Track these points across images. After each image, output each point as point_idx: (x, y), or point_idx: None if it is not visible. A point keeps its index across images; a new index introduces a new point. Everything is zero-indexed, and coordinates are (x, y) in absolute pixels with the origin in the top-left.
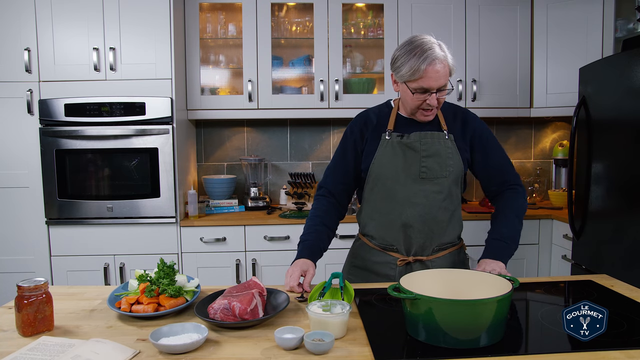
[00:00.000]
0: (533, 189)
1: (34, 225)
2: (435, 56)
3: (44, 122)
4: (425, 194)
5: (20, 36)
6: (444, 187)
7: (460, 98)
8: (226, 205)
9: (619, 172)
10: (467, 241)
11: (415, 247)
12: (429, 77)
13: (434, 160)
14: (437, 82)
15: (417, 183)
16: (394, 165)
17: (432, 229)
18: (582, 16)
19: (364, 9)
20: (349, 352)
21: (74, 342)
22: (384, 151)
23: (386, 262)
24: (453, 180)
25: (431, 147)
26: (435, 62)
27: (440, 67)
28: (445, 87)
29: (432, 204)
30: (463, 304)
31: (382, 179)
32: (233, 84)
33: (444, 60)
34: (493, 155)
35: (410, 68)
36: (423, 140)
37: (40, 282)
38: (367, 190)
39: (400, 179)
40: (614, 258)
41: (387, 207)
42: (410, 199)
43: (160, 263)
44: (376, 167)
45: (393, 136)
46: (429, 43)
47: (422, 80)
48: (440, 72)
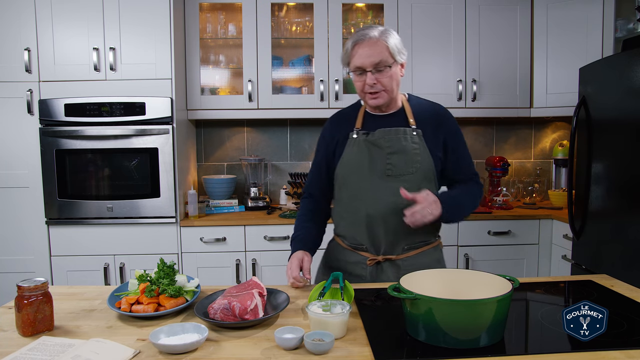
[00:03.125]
0: (533, 189)
1: (34, 225)
2: (364, 34)
3: (44, 122)
4: (391, 191)
5: (20, 36)
6: (412, 185)
7: (460, 98)
8: (226, 205)
9: (619, 172)
10: (466, 241)
11: (383, 245)
12: (359, 55)
13: (399, 157)
14: (369, 59)
15: (383, 180)
16: (360, 164)
17: (398, 227)
18: (582, 16)
19: (364, 9)
20: (349, 352)
21: (74, 342)
22: (351, 150)
23: (357, 262)
24: (422, 177)
25: (396, 143)
26: (363, 40)
27: (368, 44)
28: (384, 66)
29: (399, 201)
30: (463, 304)
31: (349, 177)
32: (233, 84)
33: (377, 39)
34: (462, 156)
35: (345, 50)
36: (387, 137)
37: (40, 282)
38: (337, 189)
39: (366, 177)
40: (614, 258)
41: (354, 206)
42: (376, 196)
43: (160, 263)
44: (343, 166)
45: (360, 134)
46: (367, 26)
47: (353, 59)
48: (370, 50)
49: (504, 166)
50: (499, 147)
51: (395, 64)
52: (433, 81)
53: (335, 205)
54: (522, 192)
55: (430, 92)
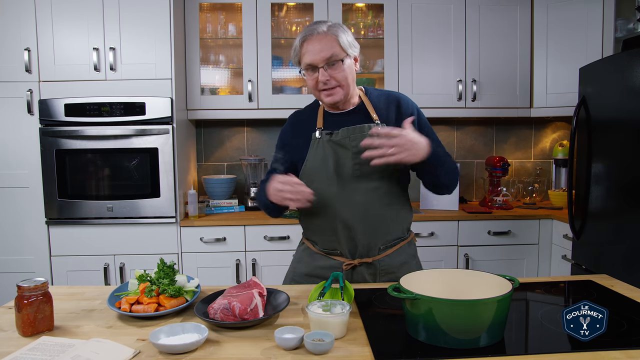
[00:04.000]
0: (533, 189)
1: (34, 225)
2: (312, 29)
3: (44, 122)
4: (362, 192)
5: (20, 36)
6: (382, 183)
7: (460, 98)
8: (226, 205)
9: (619, 172)
10: (466, 241)
11: (360, 248)
12: (308, 52)
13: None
14: (319, 55)
15: (353, 182)
16: (326, 167)
17: (374, 228)
18: (582, 16)
19: (364, 9)
20: (349, 352)
21: (74, 342)
22: (315, 152)
23: (331, 267)
24: (392, 172)
25: (361, 142)
26: (312, 36)
27: (316, 40)
28: (335, 60)
29: (371, 201)
30: (463, 304)
31: (316, 182)
32: (233, 84)
33: (325, 34)
34: (431, 137)
35: (294, 49)
36: (352, 136)
37: (40, 282)
38: None
39: (334, 181)
40: (614, 258)
41: (324, 211)
42: (348, 199)
43: (160, 263)
44: (308, 169)
45: (323, 134)
46: (314, 23)
47: (304, 57)
48: (320, 45)
49: (504, 166)
50: (499, 147)
51: (348, 57)
52: (433, 81)
53: (304, 208)
54: (522, 192)
55: (430, 92)
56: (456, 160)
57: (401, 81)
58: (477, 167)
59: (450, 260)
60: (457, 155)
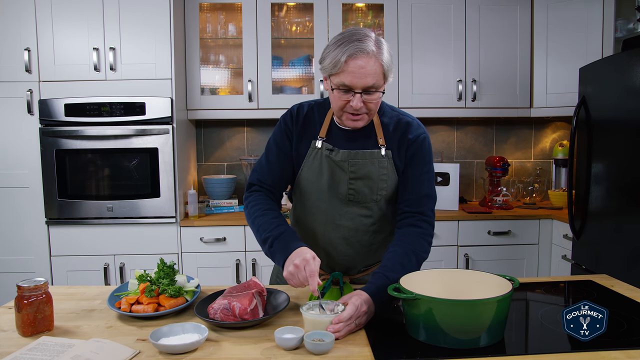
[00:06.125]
0: (533, 189)
1: (34, 225)
2: (361, 48)
3: (44, 122)
4: (351, 216)
5: (20, 36)
6: (373, 211)
7: (460, 98)
8: (226, 205)
9: (619, 172)
10: (466, 241)
11: (338, 268)
12: (351, 72)
13: (363, 183)
14: (361, 80)
15: (344, 204)
16: (320, 182)
17: (357, 253)
18: (582, 16)
19: (364, 9)
20: (349, 352)
21: (74, 342)
22: (312, 163)
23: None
24: (386, 203)
25: (361, 168)
26: (359, 54)
27: (364, 62)
28: (375, 90)
29: (359, 228)
30: (463, 304)
31: (307, 194)
32: (233, 84)
33: (374, 56)
34: (417, 180)
35: (332, 59)
36: (352, 160)
37: (40, 282)
38: (295, 197)
39: (325, 198)
40: (614, 258)
41: (310, 225)
42: (335, 220)
43: (160, 263)
44: (303, 179)
45: (323, 147)
46: (361, 34)
47: (343, 74)
48: (366, 68)
49: (504, 166)
50: (499, 147)
51: (385, 85)
52: (433, 81)
53: (292, 214)
54: (522, 192)
55: (430, 92)
56: (456, 160)
57: (401, 81)
58: (477, 167)
59: (450, 260)
60: (457, 155)
